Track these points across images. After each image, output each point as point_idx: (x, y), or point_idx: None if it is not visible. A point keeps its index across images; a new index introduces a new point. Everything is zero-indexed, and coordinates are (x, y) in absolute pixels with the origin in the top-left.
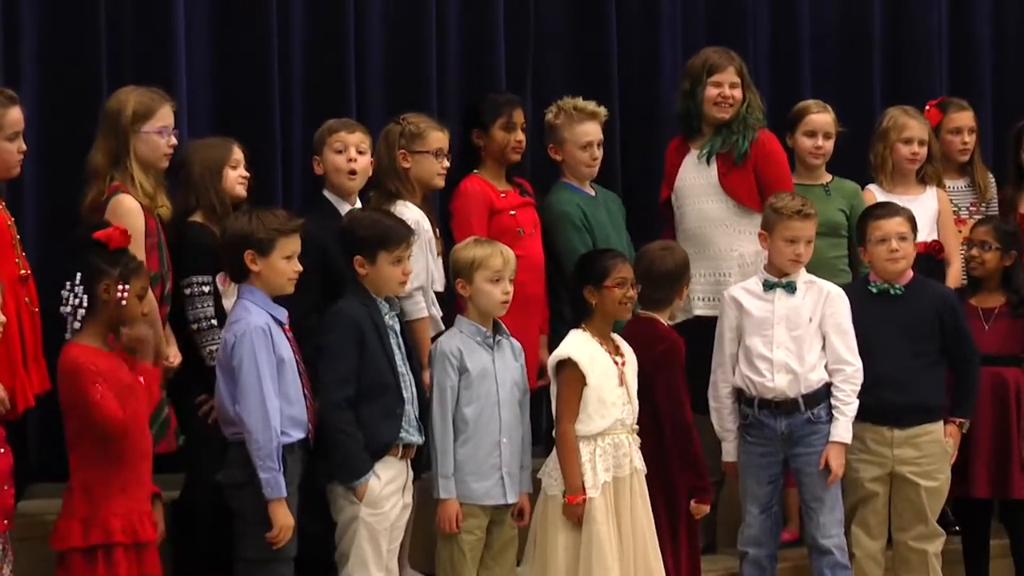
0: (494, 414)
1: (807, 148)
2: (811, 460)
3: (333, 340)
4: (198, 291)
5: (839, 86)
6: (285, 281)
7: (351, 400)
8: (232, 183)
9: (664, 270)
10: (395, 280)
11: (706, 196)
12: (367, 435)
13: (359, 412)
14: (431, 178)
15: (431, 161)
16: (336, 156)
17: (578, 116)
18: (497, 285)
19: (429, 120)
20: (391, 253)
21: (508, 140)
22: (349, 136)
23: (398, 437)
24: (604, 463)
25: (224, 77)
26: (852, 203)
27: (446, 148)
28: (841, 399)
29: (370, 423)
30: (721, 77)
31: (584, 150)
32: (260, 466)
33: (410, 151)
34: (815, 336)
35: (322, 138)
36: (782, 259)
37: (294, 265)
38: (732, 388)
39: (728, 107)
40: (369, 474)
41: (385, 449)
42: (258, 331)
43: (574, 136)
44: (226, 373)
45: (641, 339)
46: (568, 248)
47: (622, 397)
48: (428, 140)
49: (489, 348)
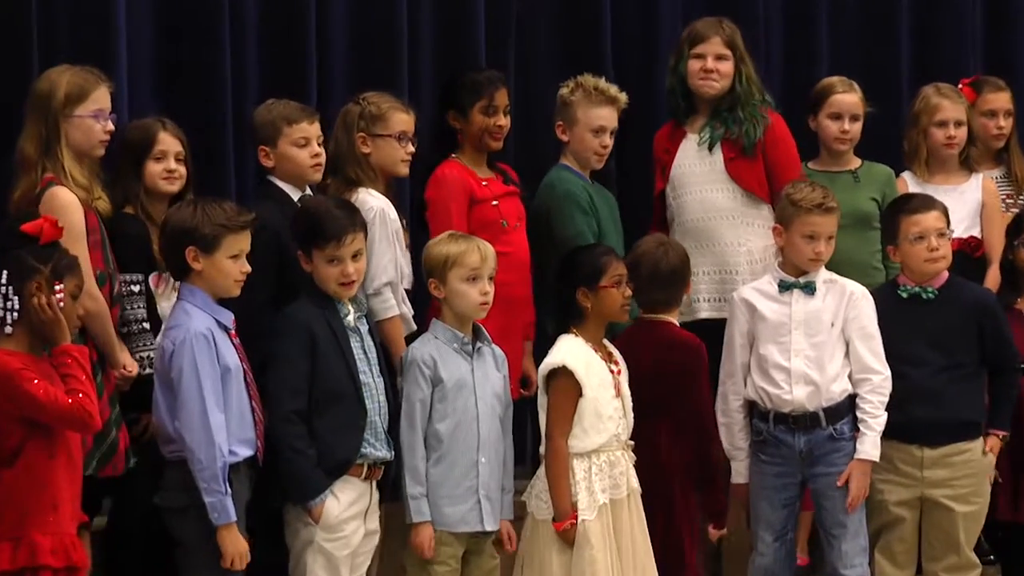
0: (471, 430)
1: (832, 132)
2: (832, 481)
3: (281, 347)
4: (127, 291)
5: (860, 61)
6: (230, 283)
7: (302, 413)
8: (153, 178)
9: (669, 268)
10: (333, 281)
11: (710, 184)
12: (321, 451)
13: (311, 426)
14: (393, 165)
15: (393, 146)
16: (298, 151)
17: (596, 97)
18: (474, 285)
19: (393, 100)
20: (323, 251)
21: (488, 125)
22: (311, 128)
23: (359, 453)
24: (601, 483)
25: (169, 53)
26: (885, 191)
27: (411, 131)
28: (868, 412)
29: (324, 438)
30: (704, 48)
31: (596, 135)
32: (205, 489)
33: (370, 134)
34: (837, 342)
35: (275, 128)
36: (800, 257)
37: (241, 265)
38: (744, 401)
39: (713, 82)
40: (325, 494)
41: (343, 467)
42: (199, 338)
43: (588, 118)
44: (164, 384)
45: (654, 345)
46: (576, 232)
47: (618, 410)
48: (390, 122)
49: (468, 356)
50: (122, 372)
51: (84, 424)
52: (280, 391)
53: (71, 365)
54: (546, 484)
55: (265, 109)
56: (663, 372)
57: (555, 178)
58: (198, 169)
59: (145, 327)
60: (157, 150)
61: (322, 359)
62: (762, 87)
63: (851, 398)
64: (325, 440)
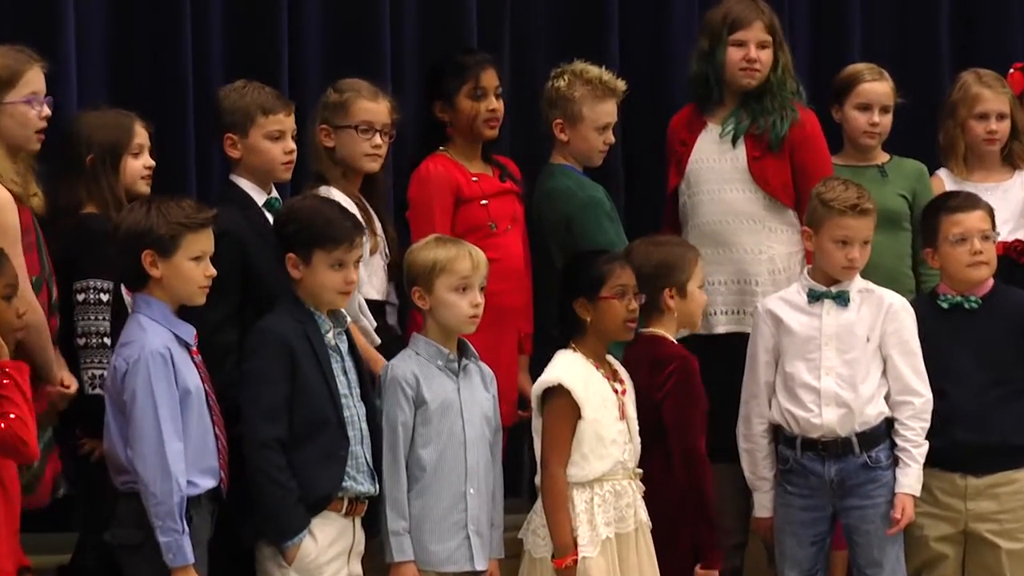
0: (458, 457)
1: (860, 125)
2: (867, 515)
3: (258, 366)
4: (94, 299)
5: (896, 46)
6: (194, 289)
7: (282, 440)
8: (133, 176)
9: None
10: (333, 288)
11: (729, 183)
12: (301, 484)
13: (291, 455)
14: (356, 159)
15: (354, 138)
16: (271, 145)
17: (602, 91)
18: (464, 295)
19: (361, 87)
20: (329, 253)
21: (478, 110)
22: (287, 120)
23: (341, 487)
24: (604, 515)
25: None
26: (915, 187)
27: (379, 122)
28: (909, 439)
29: (305, 469)
30: (746, 34)
31: (601, 132)
32: (159, 527)
33: (333, 126)
34: (873, 359)
35: (248, 115)
36: (832, 264)
37: (205, 268)
38: (768, 425)
39: (755, 72)
40: (304, 533)
41: (324, 502)
42: (155, 357)
43: (594, 115)
44: (116, 408)
45: (645, 363)
46: (608, 243)
47: (623, 433)
48: (352, 111)
49: (453, 375)
50: (59, 389)
51: (16, 452)
52: (257, 415)
53: (6, 386)
54: (543, 518)
55: (237, 93)
56: (649, 391)
57: (571, 183)
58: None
59: (105, 342)
60: (135, 144)
61: (303, 379)
62: (795, 76)
63: (888, 422)
64: (305, 472)
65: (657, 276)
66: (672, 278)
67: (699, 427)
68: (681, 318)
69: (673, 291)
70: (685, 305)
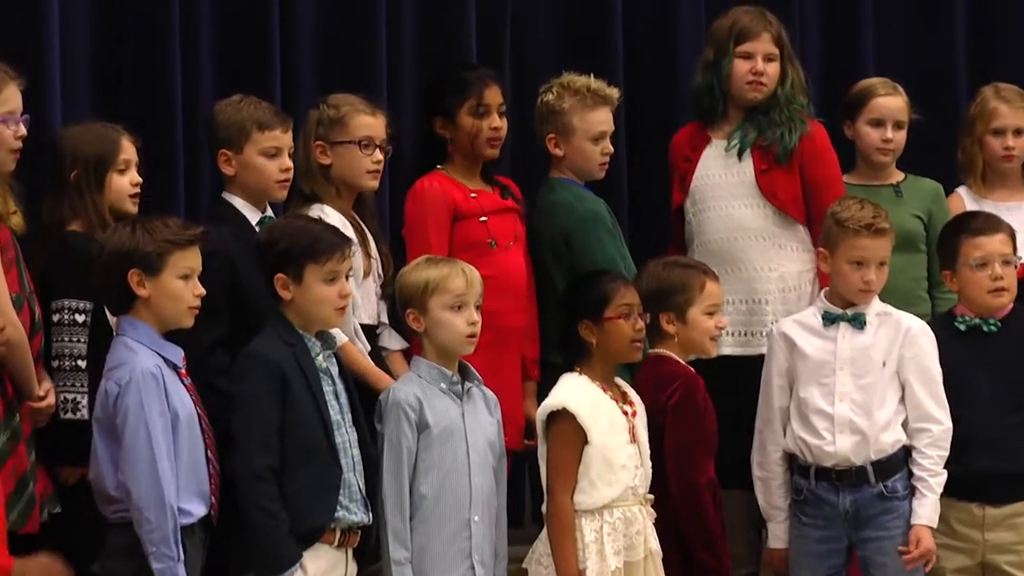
0: (462, 484)
1: (873, 141)
2: (883, 547)
3: (248, 392)
4: (69, 319)
5: (911, 57)
6: (183, 309)
7: (274, 469)
8: (120, 194)
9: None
10: (330, 303)
11: (737, 199)
12: (293, 514)
13: (282, 485)
14: (357, 177)
15: (355, 155)
16: (267, 162)
17: (591, 100)
18: (460, 313)
19: (356, 101)
20: (322, 266)
21: (479, 128)
22: (284, 136)
23: (334, 517)
24: (614, 544)
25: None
26: (931, 207)
27: (379, 137)
28: (926, 468)
29: (297, 499)
30: (753, 46)
31: (597, 143)
32: (153, 554)
33: (329, 142)
34: (889, 384)
35: (244, 131)
36: (847, 287)
37: (194, 287)
38: (783, 453)
39: (761, 86)
40: (295, 567)
41: (316, 534)
42: (147, 377)
43: (586, 125)
44: (106, 433)
45: (652, 383)
46: (607, 259)
47: (634, 458)
48: (351, 126)
49: (457, 398)
50: (42, 404)
51: None
52: (248, 443)
53: None
54: (548, 546)
55: (232, 107)
56: (656, 414)
57: (570, 196)
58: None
59: (79, 365)
60: (121, 159)
61: (293, 405)
62: (806, 90)
63: (904, 451)
64: (297, 502)
65: (657, 299)
66: (669, 303)
67: (700, 450)
68: (684, 344)
69: (672, 316)
70: (686, 331)
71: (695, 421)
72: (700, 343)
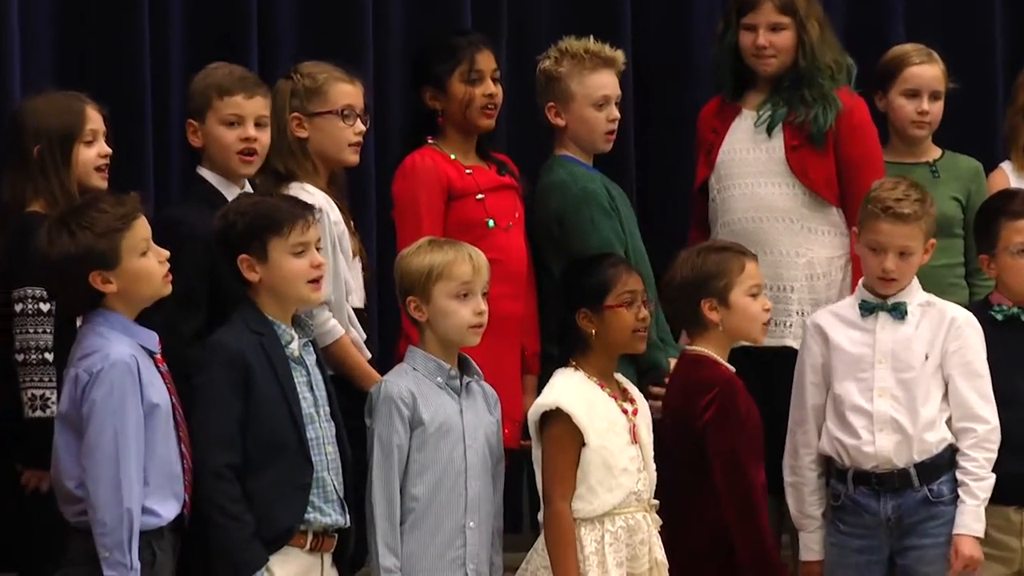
0: (458, 487)
1: (907, 114)
2: (926, 556)
3: (207, 385)
4: (32, 308)
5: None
6: (157, 284)
7: (235, 467)
8: (87, 167)
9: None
10: (302, 276)
11: (764, 177)
12: (258, 516)
13: (246, 483)
14: (338, 151)
15: (336, 126)
16: (225, 130)
17: (590, 62)
18: (466, 302)
19: (331, 69)
20: (286, 239)
21: (472, 96)
22: (247, 103)
23: (304, 519)
24: (616, 555)
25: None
26: (970, 188)
27: (359, 106)
28: (969, 471)
29: (262, 499)
30: (754, 18)
31: (600, 109)
32: (105, 559)
33: (307, 114)
34: (933, 379)
35: (205, 98)
36: (867, 273)
37: (157, 254)
38: (817, 456)
39: (770, 59)
40: (260, 572)
41: (285, 536)
42: (121, 367)
43: (586, 89)
44: (70, 426)
45: (685, 385)
46: (602, 241)
47: (635, 460)
48: (330, 95)
49: (455, 394)
50: None
51: None
52: (207, 440)
53: None
54: (545, 558)
55: (203, 74)
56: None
57: (565, 174)
58: None
59: (46, 358)
60: (88, 130)
61: (258, 399)
62: (840, 59)
63: (951, 450)
64: (262, 503)
65: (695, 288)
66: (709, 289)
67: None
68: (730, 332)
69: (713, 302)
70: (731, 317)
71: (739, 431)
72: (747, 329)
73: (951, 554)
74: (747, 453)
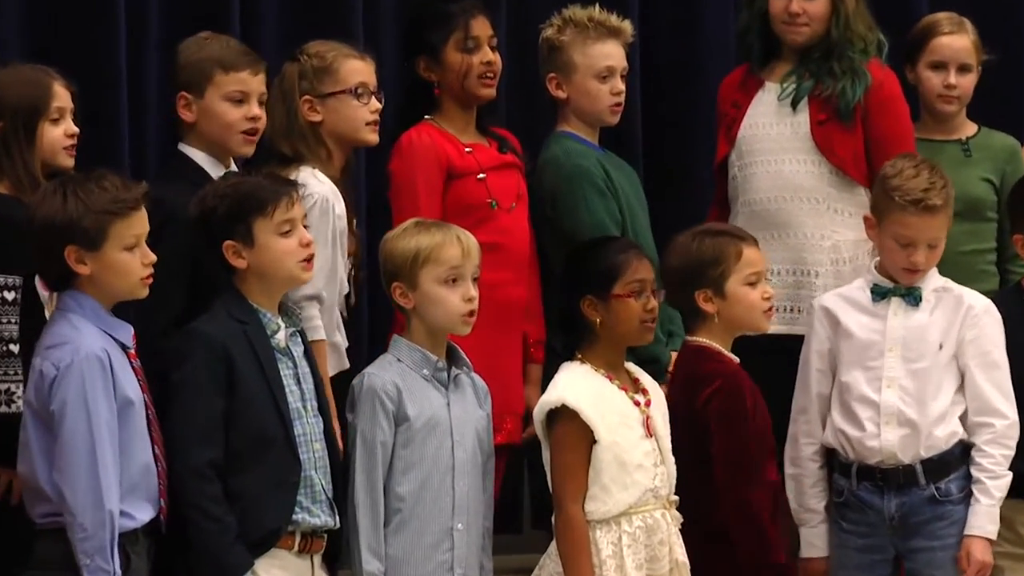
0: (445, 486)
1: (934, 87)
2: (935, 559)
3: (187, 377)
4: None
5: None
6: (134, 283)
7: (218, 465)
8: (53, 147)
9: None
10: (293, 256)
11: (788, 153)
12: (243, 517)
13: (229, 482)
14: (355, 131)
15: (351, 105)
16: (229, 108)
17: (595, 31)
18: (456, 288)
19: (340, 46)
20: (271, 218)
21: (470, 64)
22: (252, 80)
23: (291, 520)
24: (635, 557)
25: None
26: (1005, 169)
27: (372, 83)
28: (985, 468)
29: (247, 499)
30: None
31: (604, 81)
32: (86, 566)
33: (318, 95)
34: (946, 371)
35: (205, 72)
36: (891, 264)
37: (143, 256)
38: (820, 447)
39: (802, 27)
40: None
41: (271, 538)
42: (92, 361)
43: (589, 60)
44: (39, 422)
45: (686, 377)
46: (594, 221)
47: (651, 455)
48: (342, 74)
49: (442, 387)
50: None
51: None
52: (186, 436)
53: None
54: (559, 563)
55: (196, 44)
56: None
57: (559, 151)
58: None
59: (11, 349)
60: (54, 108)
61: (242, 391)
62: (872, 30)
63: (962, 447)
64: (247, 503)
65: (690, 276)
66: (704, 278)
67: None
68: (728, 323)
69: (708, 293)
70: (727, 308)
71: (743, 428)
72: (747, 319)
73: (960, 559)
74: (755, 451)
